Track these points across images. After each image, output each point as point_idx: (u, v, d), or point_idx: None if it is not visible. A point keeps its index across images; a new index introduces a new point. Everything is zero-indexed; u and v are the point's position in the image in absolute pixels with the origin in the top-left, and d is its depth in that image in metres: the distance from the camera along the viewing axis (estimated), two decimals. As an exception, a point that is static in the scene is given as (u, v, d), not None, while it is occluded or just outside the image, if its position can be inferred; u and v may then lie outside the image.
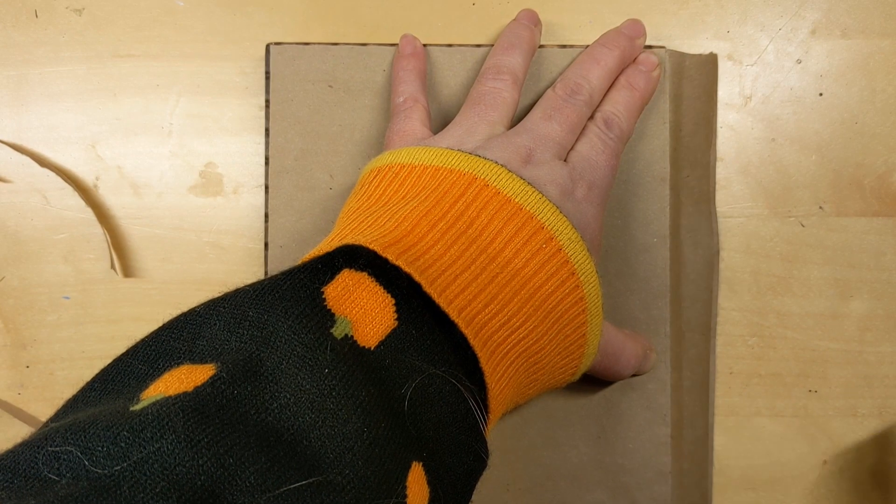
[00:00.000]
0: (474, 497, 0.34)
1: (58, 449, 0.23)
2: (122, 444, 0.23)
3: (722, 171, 0.44)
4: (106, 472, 0.22)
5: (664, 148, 0.43)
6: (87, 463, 0.22)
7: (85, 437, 0.23)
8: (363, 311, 0.30)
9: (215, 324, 0.28)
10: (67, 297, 0.43)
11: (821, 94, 0.44)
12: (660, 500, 0.42)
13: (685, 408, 0.43)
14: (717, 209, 0.44)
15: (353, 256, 0.31)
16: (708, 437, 0.43)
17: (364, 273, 0.31)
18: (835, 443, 0.44)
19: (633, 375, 0.42)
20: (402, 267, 0.31)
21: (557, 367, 0.37)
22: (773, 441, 0.44)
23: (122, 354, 0.28)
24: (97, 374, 0.28)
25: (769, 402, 0.44)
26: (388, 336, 0.30)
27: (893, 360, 0.44)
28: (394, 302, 0.31)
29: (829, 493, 0.44)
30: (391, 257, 0.31)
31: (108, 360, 0.28)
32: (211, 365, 0.26)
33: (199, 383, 0.25)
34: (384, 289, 0.31)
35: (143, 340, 0.28)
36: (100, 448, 0.23)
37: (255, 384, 0.26)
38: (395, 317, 0.31)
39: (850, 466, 0.43)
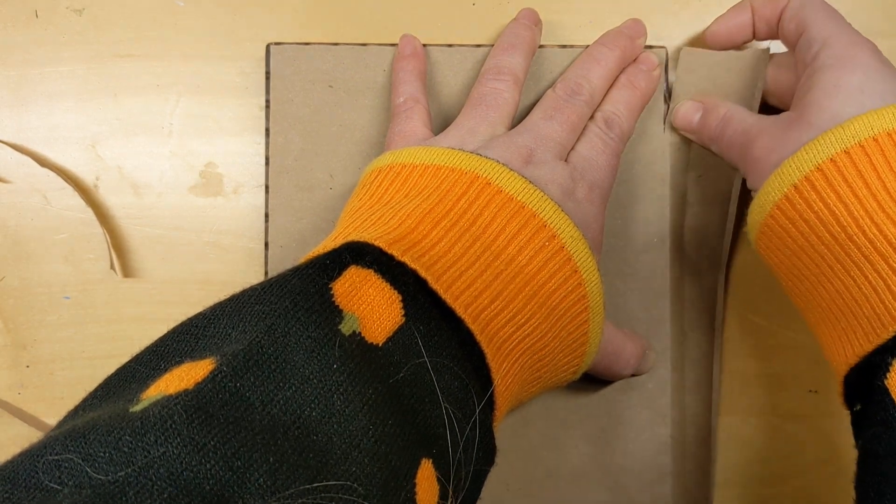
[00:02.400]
0: (475, 497, 0.34)
1: (58, 457, 0.22)
2: (125, 450, 0.22)
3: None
4: (109, 478, 0.22)
5: (664, 148, 0.43)
6: (88, 470, 0.22)
7: (85, 443, 0.23)
8: (371, 308, 0.30)
9: (220, 321, 0.28)
10: (67, 297, 0.43)
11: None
12: (660, 501, 0.42)
13: (687, 408, 0.43)
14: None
15: (359, 253, 0.31)
16: (711, 438, 0.43)
17: (370, 270, 0.31)
18: (835, 443, 0.44)
19: (633, 375, 0.42)
20: (409, 263, 0.31)
21: (560, 365, 0.37)
22: (773, 441, 0.44)
23: (126, 362, 0.28)
24: (100, 383, 0.28)
25: (769, 402, 0.44)
26: (396, 332, 0.30)
27: (893, 359, 0.44)
28: (401, 298, 0.31)
29: (830, 493, 0.44)
30: (397, 253, 0.31)
31: (109, 361, 0.28)
32: (210, 359, 0.26)
33: (200, 379, 0.25)
34: (391, 285, 0.31)
35: (147, 347, 0.28)
36: (101, 454, 0.22)
37: (256, 373, 0.26)
38: (403, 313, 0.30)
39: (850, 466, 0.43)
